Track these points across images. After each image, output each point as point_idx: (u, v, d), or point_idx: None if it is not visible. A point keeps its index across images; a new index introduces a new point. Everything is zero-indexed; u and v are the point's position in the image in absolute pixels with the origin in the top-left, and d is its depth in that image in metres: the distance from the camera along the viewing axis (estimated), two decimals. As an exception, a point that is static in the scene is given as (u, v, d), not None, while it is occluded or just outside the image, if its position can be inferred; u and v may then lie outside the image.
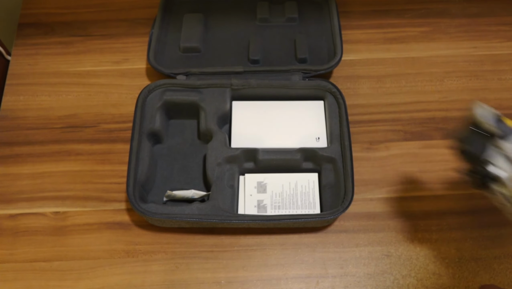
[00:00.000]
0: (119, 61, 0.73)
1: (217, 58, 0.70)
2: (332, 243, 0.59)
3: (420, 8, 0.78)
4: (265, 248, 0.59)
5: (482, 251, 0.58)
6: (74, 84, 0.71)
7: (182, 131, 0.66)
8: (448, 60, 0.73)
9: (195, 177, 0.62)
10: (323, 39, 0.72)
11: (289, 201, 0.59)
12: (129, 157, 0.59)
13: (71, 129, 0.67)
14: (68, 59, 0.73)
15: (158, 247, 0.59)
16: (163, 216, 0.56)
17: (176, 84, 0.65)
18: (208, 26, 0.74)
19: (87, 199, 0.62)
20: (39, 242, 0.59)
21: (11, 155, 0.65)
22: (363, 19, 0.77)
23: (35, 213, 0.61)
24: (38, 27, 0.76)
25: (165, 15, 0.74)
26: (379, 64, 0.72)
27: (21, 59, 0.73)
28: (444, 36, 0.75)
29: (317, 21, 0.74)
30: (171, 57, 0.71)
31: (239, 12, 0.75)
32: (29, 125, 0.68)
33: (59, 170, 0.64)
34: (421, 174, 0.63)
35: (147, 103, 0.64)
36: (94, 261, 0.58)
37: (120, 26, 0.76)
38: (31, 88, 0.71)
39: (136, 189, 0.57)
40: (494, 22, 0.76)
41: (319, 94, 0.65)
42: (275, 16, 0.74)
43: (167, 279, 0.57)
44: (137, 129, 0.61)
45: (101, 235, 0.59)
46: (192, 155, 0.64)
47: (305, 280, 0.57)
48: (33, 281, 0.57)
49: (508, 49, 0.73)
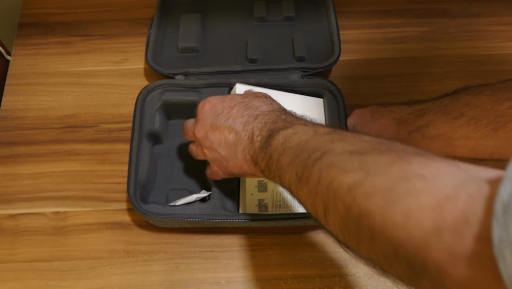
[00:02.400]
0: (119, 61, 0.73)
1: (216, 57, 0.71)
2: (332, 243, 0.59)
3: (420, 8, 0.77)
4: (265, 248, 0.59)
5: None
6: (74, 84, 0.71)
7: (181, 131, 0.66)
8: (448, 60, 0.73)
9: (195, 177, 0.62)
10: (321, 37, 0.72)
11: (290, 199, 0.59)
12: (129, 158, 0.59)
13: (71, 129, 0.67)
14: (68, 59, 0.73)
15: (158, 247, 0.59)
16: (164, 217, 0.56)
17: (175, 84, 0.65)
18: (205, 26, 0.74)
19: (87, 199, 0.62)
20: (39, 242, 0.59)
21: (11, 155, 0.65)
22: (362, 19, 0.77)
23: (35, 213, 0.61)
24: (38, 27, 0.76)
25: (163, 15, 0.74)
26: (379, 64, 0.72)
27: (21, 59, 0.73)
28: (444, 36, 0.75)
29: (314, 19, 0.74)
30: (169, 58, 0.71)
31: (236, 12, 0.75)
32: (29, 125, 0.68)
33: (59, 170, 0.64)
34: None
35: (146, 104, 0.64)
36: (94, 261, 0.58)
37: (120, 26, 0.76)
38: (31, 88, 0.71)
39: (137, 190, 0.57)
40: (494, 22, 0.76)
41: (318, 92, 0.65)
42: (273, 15, 0.74)
43: (167, 279, 0.57)
44: (136, 130, 0.61)
45: (101, 235, 0.60)
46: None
47: (305, 280, 0.57)
48: (33, 281, 0.57)
49: (508, 49, 0.73)
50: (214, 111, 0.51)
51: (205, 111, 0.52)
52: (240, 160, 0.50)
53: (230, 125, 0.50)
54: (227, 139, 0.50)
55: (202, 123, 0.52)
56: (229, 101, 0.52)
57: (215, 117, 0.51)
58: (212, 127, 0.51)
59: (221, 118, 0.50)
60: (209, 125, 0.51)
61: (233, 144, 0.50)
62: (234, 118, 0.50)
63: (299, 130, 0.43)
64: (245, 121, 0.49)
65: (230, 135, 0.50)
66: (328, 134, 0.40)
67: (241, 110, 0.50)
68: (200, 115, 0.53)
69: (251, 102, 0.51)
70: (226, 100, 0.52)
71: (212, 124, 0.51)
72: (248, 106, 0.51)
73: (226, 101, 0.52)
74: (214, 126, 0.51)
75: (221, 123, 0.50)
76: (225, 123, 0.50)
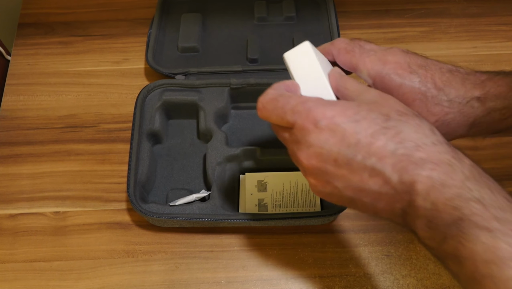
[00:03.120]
0: (119, 61, 0.73)
1: (216, 57, 0.71)
2: (332, 243, 0.59)
3: (420, 8, 0.78)
4: (265, 248, 0.59)
5: (482, 251, 0.58)
6: (74, 84, 0.71)
7: (181, 131, 0.66)
8: (448, 60, 0.72)
9: (195, 177, 0.62)
10: (321, 37, 0.72)
11: (290, 199, 0.59)
12: (129, 157, 0.59)
13: (71, 129, 0.67)
14: (68, 59, 0.73)
15: (158, 247, 0.59)
16: (164, 216, 0.56)
17: (175, 84, 0.65)
18: (206, 26, 0.74)
19: (87, 199, 0.62)
20: (39, 242, 0.59)
21: (11, 155, 0.65)
22: (362, 19, 0.77)
23: (35, 213, 0.61)
24: (38, 27, 0.76)
25: (163, 15, 0.74)
26: (379, 64, 0.72)
27: (21, 59, 0.73)
28: (444, 36, 0.75)
29: (315, 19, 0.74)
30: (169, 57, 0.71)
31: (237, 12, 0.75)
32: (29, 125, 0.68)
33: (59, 170, 0.64)
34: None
35: (146, 104, 0.64)
36: (94, 261, 0.58)
37: (120, 26, 0.76)
38: (31, 88, 0.71)
39: (136, 190, 0.57)
40: (494, 22, 0.76)
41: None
42: (273, 15, 0.74)
43: (167, 279, 0.57)
44: (136, 130, 0.61)
45: (101, 235, 0.60)
46: (192, 154, 0.64)
47: (305, 280, 0.57)
48: (33, 281, 0.57)
49: (508, 49, 0.73)
50: (342, 137, 0.35)
51: (321, 132, 0.36)
52: (377, 206, 0.36)
53: (374, 166, 0.35)
54: (363, 184, 0.35)
55: (317, 150, 0.36)
56: (367, 124, 0.35)
57: (344, 147, 0.35)
58: (338, 163, 0.36)
59: (357, 152, 0.35)
60: (332, 158, 0.36)
61: (375, 193, 0.35)
62: (380, 158, 0.34)
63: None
64: (400, 168, 0.34)
65: (372, 181, 0.35)
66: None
67: (390, 144, 0.34)
68: (311, 137, 0.36)
69: (403, 129, 0.35)
70: (361, 121, 0.35)
71: (338, 158, 0.36)
72: (399, 136, 0.35)
73: (360, 122, 0.35)
74: (342, 161, 0.36)
75: (356, 160, 0.35)
76: (364, 161, 0.35)
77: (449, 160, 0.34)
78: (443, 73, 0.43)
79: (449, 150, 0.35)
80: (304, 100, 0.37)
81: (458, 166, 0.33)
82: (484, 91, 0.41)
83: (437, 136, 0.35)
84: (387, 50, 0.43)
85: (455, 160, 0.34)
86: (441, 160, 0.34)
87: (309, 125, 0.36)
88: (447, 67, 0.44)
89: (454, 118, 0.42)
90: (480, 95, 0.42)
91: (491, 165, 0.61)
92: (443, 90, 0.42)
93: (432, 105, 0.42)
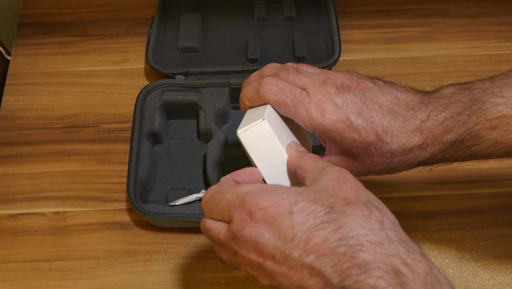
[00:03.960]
0: (119, 61, 0.73)
1: (216, 57, 0.71)
2: (332, 243, 0.59)
3: (420, 8, 0.78)
4: (265, 248, 0.59)
5: (482, 251, 0.58)
6: (74, 84, 0.71)
7: (181, 131, 0.66)
8: (448, 60, 0.73)
9: (195, 177, 0.62)
10: (321, 37, 0.72)
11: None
12: (129, 157, 0.59)
13: (71, 129, 0.67)
14: (68, 59, 0.73)
15: (158, 247, 0.59)
16: (164, 216, 0.56)
17: (175, 84, 0.65)
18: (206, 26, 0.74)
19: (87, 199, 0.62)
20: (39, 242, 0.59)
21: (11, 155, 0.65)
22: (363, 19, 0.77)
23: (35, 213, 0.61)
24: (38, 27, 0.76)
25: (163, 15, 0.74)
26: (379, 64, 0.72)
27: (21, 59, 0.74)
28: (444, 36, 0.75)
29: (315, 19, 0.74)
30: (169, 57, 0.71)
31: (236, 12, 0.75)
32: (29, 125, 0.68)
33: (59, 170, 0.64)
34: (420, 174, 0.63)
35: (146, 104, 0.64)
36: (94, 261, 0.58)
37: (120, 26, 0.76)
38: (31, 88, 0.71)
39: (136, 190, 0.57)
40: (494, 22, 0.76)
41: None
42: (273, 15, 0.74)
43: (167, 279, 0.57)
44: (136, 130, 0.61)
45: (101, 235, 0.60)
46: (192, 154, 0.64)
47: (305, 280, 0.57)
48: (33, 281, 0.57)
49: (508, 49, 0.73)
50: (277, 231, 0.33)
51: (257, 225, 0.33)
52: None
53: (312, 265, 0.31)
54: (305, 283, 0.32)
55: (254, 245, 0.34)
56: (304, 216, 0.32)
57: (280, 242, 0.32)
58: (276, 259, 0.33)
59: (293, 248, 0.32)
60: (270, 254, 0.33)
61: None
62: (319, 257, 0.31)
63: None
64: (342, 270, 0.30)
65: (313, 281, 0.31)
66: None
67: (330, 240, 0.31)
68: (247, 231, 0.34)
69: (346, 223, 0.31)
70: (298, 213, 0.32)
71: (275, 254, 0.33)
72: (341, 230, 0.31)
73: (297, 214, 0.32)
74: (280, 257, 0.33)
75: (293, 257, 0.32)
76: (301, 259, 0.32)
77: (397, 269, 0.29)
78: (384, 115, 0.40)
79: (399, 250, 0.30)
80: (238, 192, 0.35)
81: (409, 276, 0.29)
82: (423, 136, 0.40)
83: (386, 232, 0.31)
84: (321, 90, 0.40)
85: (405, 267, 0.29)
86: (389, 266, 0.29)
87: (246, 217, 0.34)
88: (387, 106, 0.40)
89: (398, 166, 0.42)
90: (422, 142, 0.40)
91: (491, 165, 0.61)
92: (385, 140, 0.40)
93: (376, 156, 0.41)
